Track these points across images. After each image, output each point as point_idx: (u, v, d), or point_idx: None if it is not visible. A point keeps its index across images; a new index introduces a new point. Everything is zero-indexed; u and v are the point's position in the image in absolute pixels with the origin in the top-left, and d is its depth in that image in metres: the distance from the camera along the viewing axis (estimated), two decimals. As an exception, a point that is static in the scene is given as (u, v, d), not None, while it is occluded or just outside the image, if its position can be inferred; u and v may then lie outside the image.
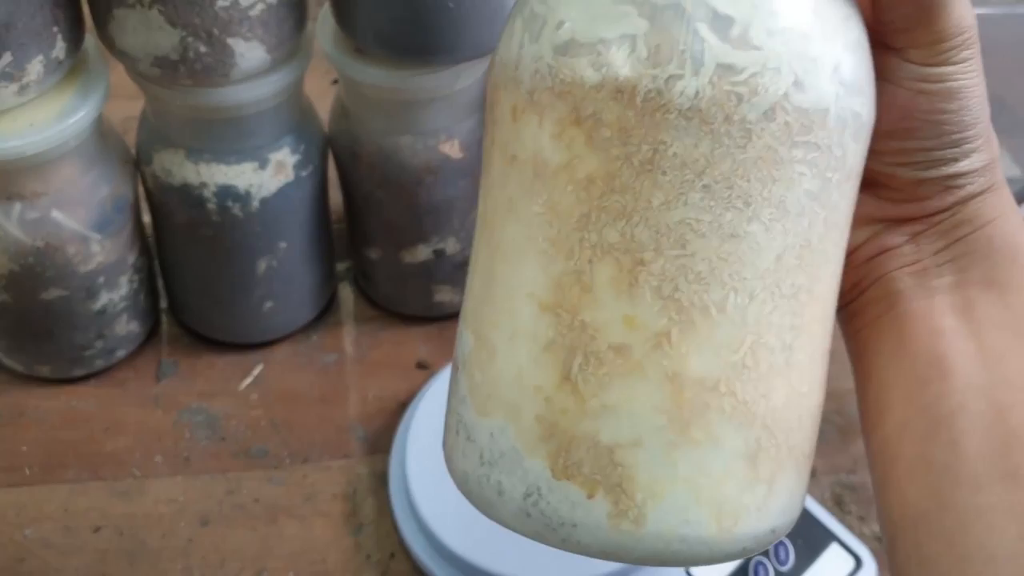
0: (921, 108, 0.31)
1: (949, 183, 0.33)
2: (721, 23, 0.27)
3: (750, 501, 0.29)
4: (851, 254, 0.35)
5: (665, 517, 0.28)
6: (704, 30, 0.26)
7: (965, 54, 0.31)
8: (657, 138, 0.27)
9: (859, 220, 0.35)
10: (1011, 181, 0.72)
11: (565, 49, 0.28)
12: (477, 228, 0.32)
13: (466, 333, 0.31)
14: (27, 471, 0.60)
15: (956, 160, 0.32)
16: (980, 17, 0.70)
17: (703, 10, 0.27)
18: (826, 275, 0.30)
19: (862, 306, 0.35)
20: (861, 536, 0.57)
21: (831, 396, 0.63)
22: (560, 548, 0.29)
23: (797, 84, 0.27)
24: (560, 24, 0.28)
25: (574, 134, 0.27)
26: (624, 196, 0.27)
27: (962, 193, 0.33)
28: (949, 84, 0.31)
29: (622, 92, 0.27)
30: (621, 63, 0.27)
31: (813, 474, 0.60)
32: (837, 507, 0.59)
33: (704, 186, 0.27)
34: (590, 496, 0.28)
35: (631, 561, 0.29)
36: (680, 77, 0.26)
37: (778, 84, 0.27)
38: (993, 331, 0.32)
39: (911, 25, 0.31)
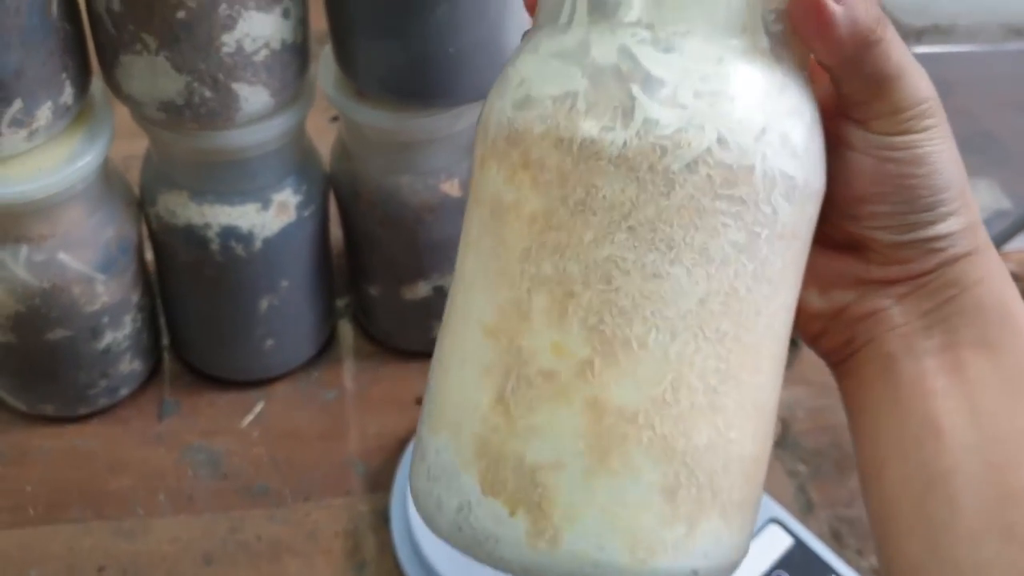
0: (890, 174, 0.33)
1: (929, 246, 0.33)
2: (653, 84, 0.29)
3: (668, 537, 0.30)
4: (841, 313, 0.36)
5: (579, 540, 0.29)
6: (636, 90, 0.29)
7: (927, 122, 0.32)
8: (589, 182, 0.29)
9: (846, 281, 0.36)
10: (1002, 215, 0.74)
11: (521, 104, 0.31)
12: (455, 273, 0.34)
13: (433, 362, 0.33)
14: (31, 511, 0.60)
15: (933, 223, 0.33)
16: (970, 55, 0.71)
17: (639, 73, 0.29)
18: (759, 327, 0.31)
19: (856, 366, 0.36)
20: (859, 570, 0.57)
21: (826, 430, 0.65)
22: (487, 564, 0.31)
23: (720, 141, 0.29)
24: (520, 83, 0.31)
25: (523, 177, 0.30)
26: (560, 233, 0.30)
27: (944, 256, 0.33)
28: (915, 151, 0.32)
29: (562, 140, 0.30)
30: (563, 116, 0.30)
31: (811, 508, 0.61)
32: (835, 541, 0.60)
33: (629, 227, 0.29)
34: (512, 513, 0.30)
35: None
36: (611, 129, 0.29)
37: (701, 140, 0.29)
38: (985, 391, 0.33)
39: (867, 99, 0.32)
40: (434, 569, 0.55)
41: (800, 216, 0.31)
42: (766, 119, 0.30)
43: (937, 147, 0.32)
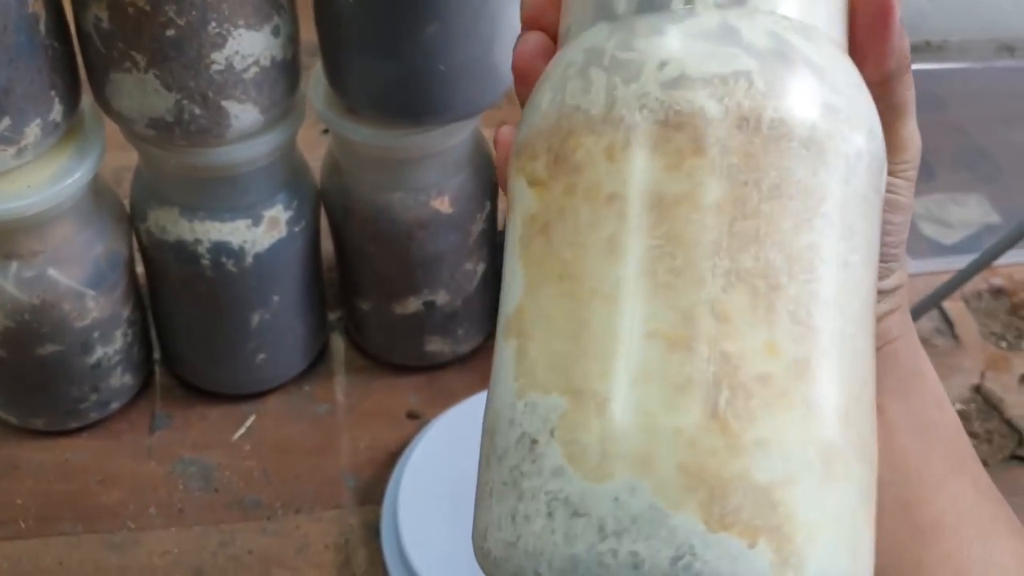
0: None
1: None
2: (817, 69, 0.28)
3: (866, 540, 0.28)
4: None
5: (820, 560, 0.26)
6: (808, 73, 0.28)
7: (911, 174, 0.33)
8: (783, 164, 0.27)
9: None
10: (992, 229, 0.74)
11: (676, 84, 0.28)
12: (529, 286, 0.29)
13: (546, 398, 0.28)
14: (22, 524, 0.60)
15: (884, 276, 0.34)
16: (962, 71, 0.71)
17: (800, 56, 0.28)
18: (872, 329, 0.30)
19: None
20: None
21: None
22: None
23: (871, 133, 0.29)
24: (663, 64, 0.28)
25: (695, 163, 0.27)
26: (756, 221, 0.27)
27: (879, 309, 0.34)
28: (897, 197, 0.33)
29: (747, 120, 0.27)
30: (743, 95, 0.27)
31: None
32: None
33: (823, 213, 0.27)
34: (752, 545, 0.26)
35: None
36: (799, 109, 0.28)
37: (863, 127, 0.28)
38: (899, 434, 0.35)
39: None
40: (423, 584, 0.55)
41: None
42: (876, 117, 0.30)
43: (908, 202, 0.33)
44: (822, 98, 0.28)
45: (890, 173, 0.32)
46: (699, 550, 0.25)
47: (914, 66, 0.33)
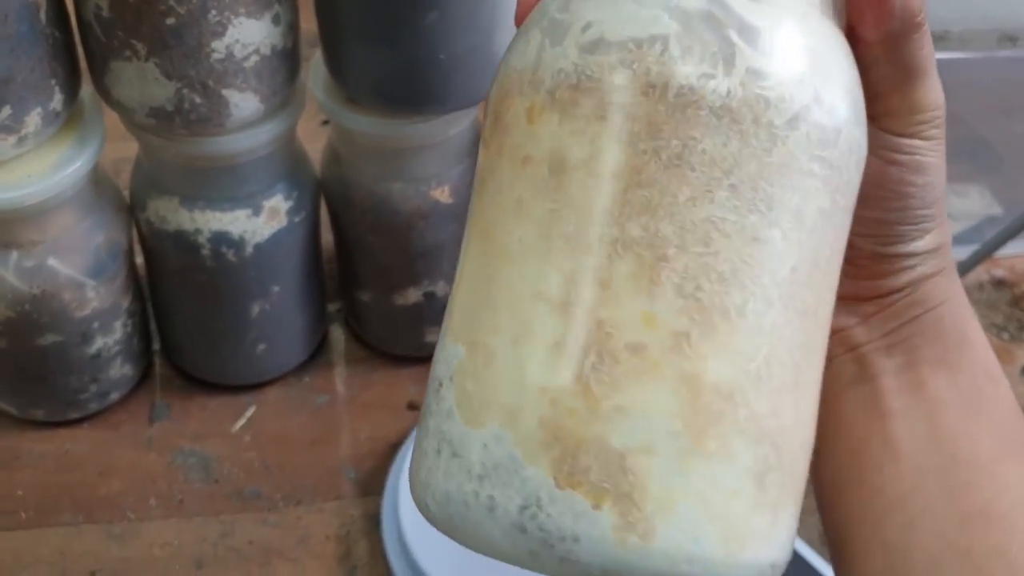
0: (891, 178, 0.32)
1: (906, 262, 0.33)
2: (750, 33, 0.27)
3: (757, 526, 0.27)
4: None
5: (675, 533, 0.26)
6: (735, 36, 0.27)
7: (934, 132, 0.32)
8: (688, 134, 0.27)
9: None
10: (994, 220, 0.74)
11: (592, 48, 0.28)
12: (467, 241, 0.31)
13: (454, 346, 0.30)
14: (22, 515, 0.60)
15: (914, 238, 0.33)
16: (964, 61, 0.71)
17: (732, 19, 0.27)
18: (827, 302, 0.29)
19: None
20: None
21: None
22: (556, 570, 0.27)
23: (817, 99, 0.27)
24: (587, 26, 0.28)
25: (598, 129, 0.27)
26: (650, 190, 0.27)
27: (915, 274, 0.33)
28: (918, 158, 0.32)
29: (654, 87, 0.27)
30: (653, 60, 0.27)
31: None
32: (823, 546, 0.60)
33: (731, 185, 0.27)
34: (596, 506, 0.26)
35: None
36: (712, 76, 0.27)
37: (802, 95, 0.27)
38: (944, 411, 0.33)
39: (890, 89, 0.31)
40: (425, 573, 0.55)
41: (858, 189, 0.30)
42: (847, 82, 0.28)
43: (937, 160, 0.32)
44: (745, 64, 0.27)
45: (907, 135, 0.31)
46: (545, 503, 0.26)
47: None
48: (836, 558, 0.34)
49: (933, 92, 0.31)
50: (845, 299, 0.34)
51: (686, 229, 0.27)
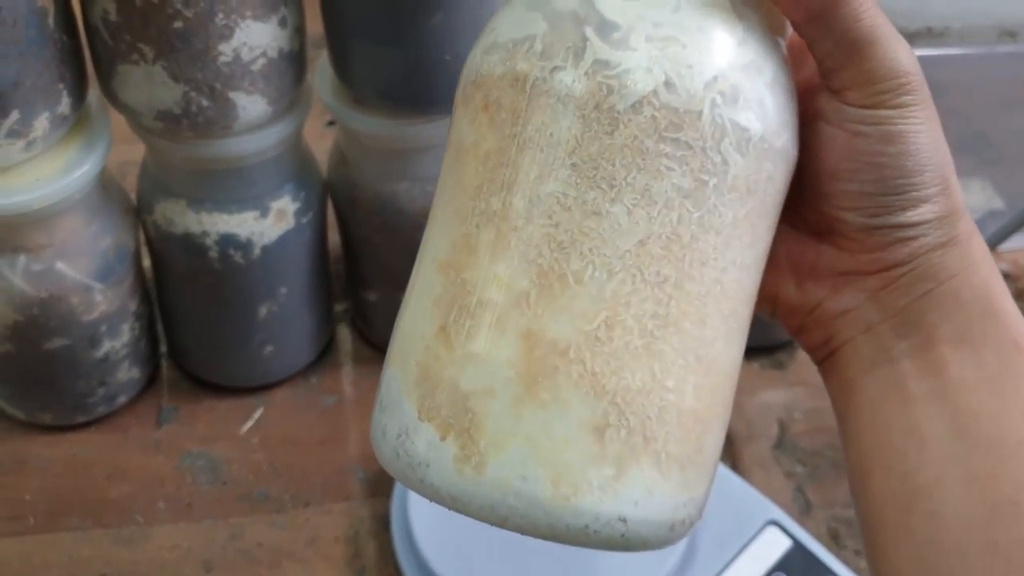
0: (860, 150, 0.32)
1: (900, 233, 0.33)
2: (606, 28, 0.31)
3: (593, 476, 0.30)
4: (816, 308, 0.36)
5: (503, 468, 0.30)
6: (590, 32, 0.31)
7: (904, 99, 0.31)
8: (539, 119, 0.30)
9: (819, 272, 0.35)
10: (995, 215, 0.74)
11: (488, 50, 0.32)
12: None
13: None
14: (31, 520, 0.60)
15: (903, 209, 0.32)
16: (963, 56, 0.71)
17: (594, 17, 0.31)
18: (705, 278, 0.31)
19: (837, 367, 0.35)
20: (858, 570, 0.58)
21: (823, 431, 0.65)
22: (421, 492, 0.31)
23: (668, 84, 0.30)
24: (491, 31, 0.33)
25: (482, 118, 0.32)
26: (509, 169, 0.31)
27: (916, 245, 0.33)
28: (887, 127, 0.32)
29: (517, 80, 0.31)
30: (521, 57, 0.31)
31: (808, 509, 0.61)
32: (833, 542, 0.60)
33: (572, 164, 0.30)
34: (443, 438, 0.30)
35: (472, 512, 0.30)
36: (562, 68, 0.30)
37: (647, 81, 0.30)
38: (967, 392, 0.32)
39: (839, 64, 0.32)
40: (435, 574, 0.55)
41: (756, 172, 0.31)
42: (718, 68, 0.31)
43: (913, 127, 0.32)
44: (594, 56, 0.30)
45: (868, 105, 0.32)
46: (410, 432, 0.31)
47: (915, 52, 0.33)
48: (868, 545, 0.34)
49: (891, 60, 0.31)
50: (848, 274, 0.34)
51: (533, 203, 0.30)
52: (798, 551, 0.57)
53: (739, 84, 0.31)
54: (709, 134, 0.30)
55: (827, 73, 0.32)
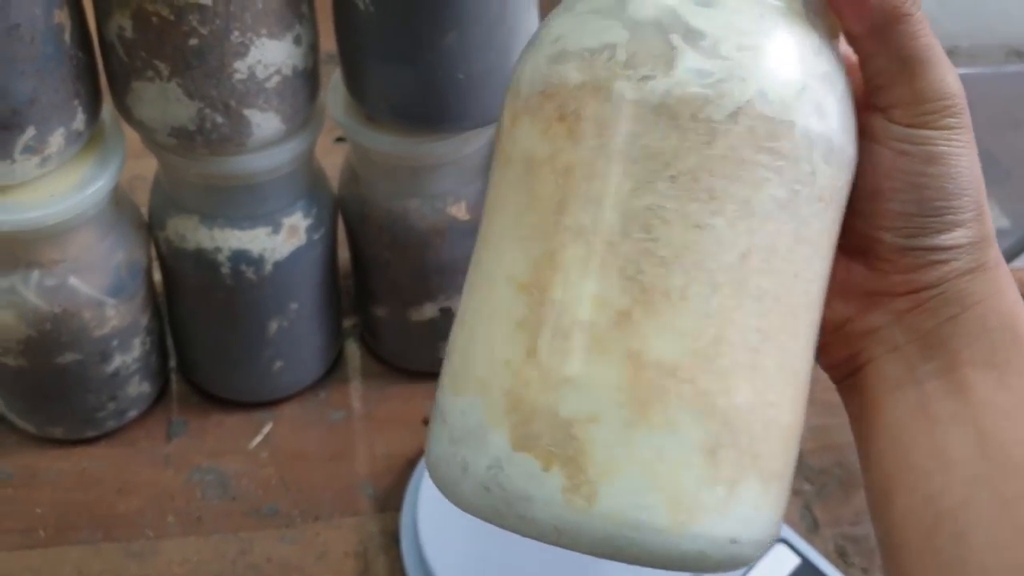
0: (903, 169, 0.32)
1: (933, 256, 0.33)
2: (693, 36, 0.30)
3: (708, 499, 0.29)
4: (842, 327, 0.35)
5: (617, 497, 0.28)
6: (677, 40, 0.30)
7: (949, 121, 0.32)
8: (630, 130, 0.29)
9: (848, 290, 0.35)
10: (1001, 233, 0.74)
11: (557, 58, 0.31)
12: (477, 239, 0.33)
13: (455, 327, 0.33)
14: (41, 533, 0.60)
15: (939, 231, 0.32)
16: (971, 76, 0.72)
17: (679, 25, 0.30)
18: (798, 290, 0.30)
19: (859, 387, 0.35)
20: (866, 589, 0.58)
21: (831, 449, 0.65)
22: (518, 528, 0.29)
23: (762, 94, 0.29)
24: (556, 39, 0.31)
25: (558, 129, 0.30)
26: (598, 182, 0.29)
27: (947, 269, 0.33)
28: (930, 148, 0.32)
29: (600, 90, 0.30)
30: (602, 66, 0.30)
31: (816, 527, 0.62)
32: (841, 559, 0.60)
33: (671, 176, 0.29)
34: (545, 468, 0.29)
35: (581, 544, 0.29)
36: (653, 78, 0.29)
37: (743, 91, 0.29)
38: (993, 415, 0.32)
39: (889, 81, 0.32)
40: (444, 590, 0.55)
41: (836, 181, 0.31)
42: (805, 78, 0.30)
43: (955, 150, 0.32)
44: (685, 65, 0.29)
45: (915, 125, 0.32)
46: (504, 464, 0.29)
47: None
48: (889, 567, 0.34)
49: (939, 81, 0.31)
50: (877, 295, 0.34)
51: (629, 217, 0.29)
52: (806, 569, 0.57)
53: (823, 93, 0.30)
54: (802, 144, 0.30)
55: (876, 90, 0.32)
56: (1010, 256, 0.68)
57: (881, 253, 0.34)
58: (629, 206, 0.29)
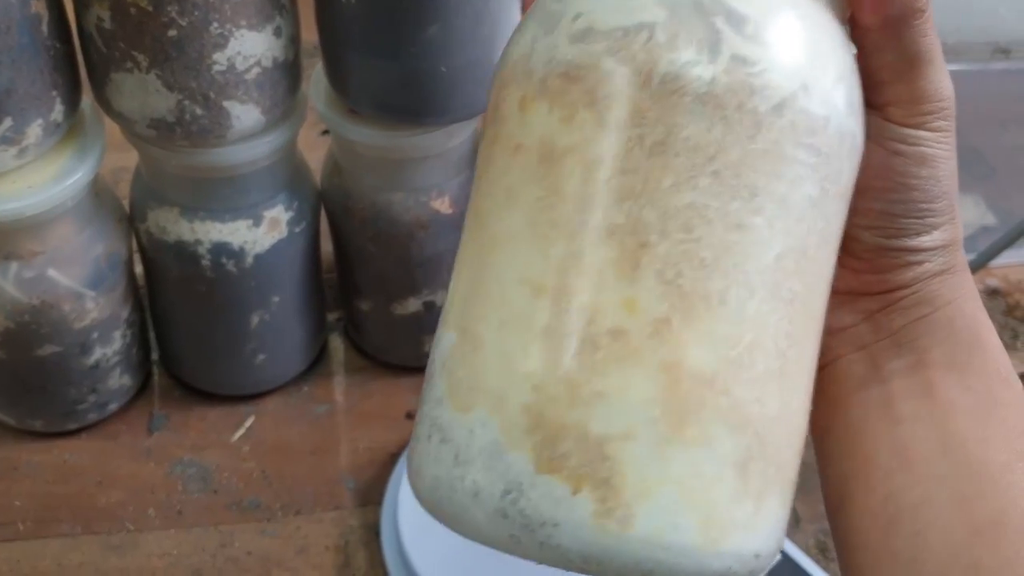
0: (895, 169, 0.32)
1: (910, 257, 0.33)
2: (737, 20, 0.27)
3: (738, 515, 0.27)
4: None
5: (653, 519, 0.26)
6: (721, 23, 0.27)
7: (941, 123, 0.32)
8: (672, 120, 0.27)
9: None
10: (988, 230, 0.74)
11: (582, 37, 0.28)
12: (465, 231, 0.31)
13: (447, 333, 0.30)
14: (20, 526, 0.60)
15: (918, 233, 0.32)
16: (957, 73, 0.72)
17: (720, 7, 0.27)
18: (819, 291, 0.29)
19: (823, 384, 0.35)
20: (847, 585, 0.58)
21: (811, 444, 0.65)
22: (537, 555, 0.27)
23: (804, 87, 0.27)
24: (577, 16, 0.28)
25: (586, 116, 0.27)
26: (633, 177, 0.27)
27: (921, 270, 0.33)
28: (922, 149, 0.32)
29: (639, 74, 0.27)
30: (639, 48, 0.27)
31: (797, 522, 0.61)
32: (821, 555, 0.60)
33: (714, 171, 0.27)
34: (575, 492, 0.26)
35: (608, 570, 0.27)
36: (697, 63, 0.27)
37: (789, 83, 0.27)
38: (955, 416, 0.32)
39: (892, 78, 0.31)
40: (424, 584, 0.55)
41: (852, 179, 0.30)
42: (839, 70, 0.28)
43: (943, 152, 0.32)
44: (731, 51, 0.27)
45: (911, 125, 0.31)
46: (526, 488, 0.26)
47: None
48: (844, 565, 0.34)
49: (938, 82, 0.31)
50: (849, 294, 0.34)
51: (668, 215, 0.27)
52: (787, 564, 0.57)
53: (850, 89, 0.29)
54: (835, 140, 0.28)
55: (876, 86, 0.32)
56: (996, 252, 0.68)
57: (857, 252, 0.34)
58: (668, 204, 0.27)
